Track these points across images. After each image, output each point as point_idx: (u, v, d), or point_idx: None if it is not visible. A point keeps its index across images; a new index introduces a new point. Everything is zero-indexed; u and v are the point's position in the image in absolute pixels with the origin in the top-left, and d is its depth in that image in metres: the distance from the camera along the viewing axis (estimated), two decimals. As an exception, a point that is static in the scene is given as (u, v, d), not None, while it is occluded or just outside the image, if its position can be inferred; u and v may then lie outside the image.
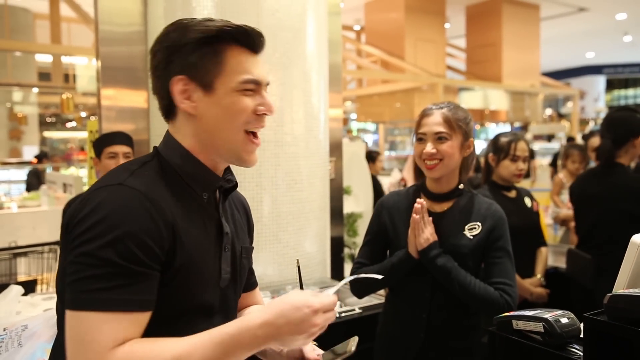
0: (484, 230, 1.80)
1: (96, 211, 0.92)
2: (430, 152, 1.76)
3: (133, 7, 2.94)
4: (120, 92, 2.98)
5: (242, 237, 1.21)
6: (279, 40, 2.63)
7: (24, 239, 4.60)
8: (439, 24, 10.25)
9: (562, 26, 12.68)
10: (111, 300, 0.89)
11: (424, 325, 1.80)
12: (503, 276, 1.77)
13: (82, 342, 0.88)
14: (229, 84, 1.05)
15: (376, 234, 1.93)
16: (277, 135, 2.63)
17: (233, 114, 1.05)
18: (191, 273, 1.02)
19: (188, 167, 1.07)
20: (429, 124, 1.79)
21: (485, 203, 1.86)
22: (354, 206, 4.94)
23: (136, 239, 0.91)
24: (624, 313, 1.12)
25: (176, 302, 1.01)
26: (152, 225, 0.94)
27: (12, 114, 10.20)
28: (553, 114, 15.78)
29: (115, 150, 2.56)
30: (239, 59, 1.06)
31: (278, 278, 2.65)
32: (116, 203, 0.93)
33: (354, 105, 12.97)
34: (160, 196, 0.99)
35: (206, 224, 1.08)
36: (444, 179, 1.82)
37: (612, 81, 20.73)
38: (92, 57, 6.34)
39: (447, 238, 1.78)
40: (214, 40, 1.04)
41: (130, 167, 1.03)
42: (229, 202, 1.19)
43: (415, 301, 1.83)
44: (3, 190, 7.75)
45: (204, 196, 1.08)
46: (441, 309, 1.80)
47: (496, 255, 1.80)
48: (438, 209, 1.85)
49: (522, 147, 2.63)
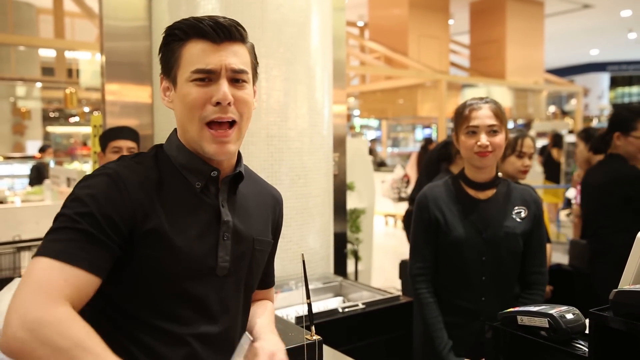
0: (530, 215, 1.93)
1: (75, 188, 1.03)
2: (485, 144, 1.83)
3: (137, 2, 2.93)
4: (125, 87, 2.98)
5: (258, 228, 1.22)
6: (283, 35, 2.62)
7: (27, 233, 4.60)
8: (443, 20, 10.22)
9: (566, 23, 12.64)
10: (63, 251, 0.95)
11: None
12: (542, 264, 1.95)
13: (30, 281, 0.92)
14: (183, 76, 1.08)
15: (427, 228, 1.95)
16: (281, 130, 2.63)
17: (186, 105, 1.08)
18: (171, 256, 1.04)
19: (181, 158, 1.13)
20: (481, 117, 1.85)
21: (523, 189, 2.00)
22: (357, 202, 4.94)
23: (101, 208, 0.99)
24: (630, 309, 1.12)
25: (158, 283, 1.04)
26: (119, 202, 1.01)
27: (16, 108, 10.21)
28: (556, 111, 15.73)
29: (120, 145, 2.56)
30: (192, 51, 1.08)
31: (281, 273, 2.65)
32: (93, 181, 1.03)
33: (357, 102, 12.96)
34: (137, 179, 1.05)
35: (199, 212, 1.10)
36: (488, 169, 1.91)
37: (616, 78, 20.67)
38: (96, 52, 6.34)
39: (501, 221, 1.89)
40: (173, 38, 1.10)
41: (123, 157, 1.12)
42: (244, 193, 1.20)
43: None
44: (7, 184, 7.75)
45: (197, 185, 1.11)
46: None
47: (538, 240, 1.95)
48: (482, 196, 1.94)
49: (528, 144, 2.64)
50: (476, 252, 1.87)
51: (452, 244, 1.89)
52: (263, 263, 1.26)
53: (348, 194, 4.01)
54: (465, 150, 1.90)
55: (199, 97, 1.06)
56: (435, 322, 1.89)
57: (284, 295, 2.50)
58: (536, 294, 1.93)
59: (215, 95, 1.06)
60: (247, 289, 1.21)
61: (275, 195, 1.32)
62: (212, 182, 1.13)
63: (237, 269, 1.15)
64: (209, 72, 1.07)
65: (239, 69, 1.09)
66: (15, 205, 5.82)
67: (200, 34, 1.07)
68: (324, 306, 2.44)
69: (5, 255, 3.33)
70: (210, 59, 1.07)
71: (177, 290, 1.07)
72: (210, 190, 1.13)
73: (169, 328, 1.06)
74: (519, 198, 1.95)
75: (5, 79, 8.99)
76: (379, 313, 2.39)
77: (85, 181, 1.04)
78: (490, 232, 1.88)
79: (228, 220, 1.13)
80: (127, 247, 1.02)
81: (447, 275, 1.94)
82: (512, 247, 1.89)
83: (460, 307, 1.90)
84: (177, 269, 1.05)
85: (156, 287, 1.05)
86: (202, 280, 1.09)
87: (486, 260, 1.88)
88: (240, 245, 1.16)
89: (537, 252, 1.94)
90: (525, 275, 1.95)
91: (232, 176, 1.16)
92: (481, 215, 1.90)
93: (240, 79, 1.10)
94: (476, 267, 1.88)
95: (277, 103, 2.62)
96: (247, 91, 1.11)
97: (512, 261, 1.91)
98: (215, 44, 1.07)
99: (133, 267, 1.04)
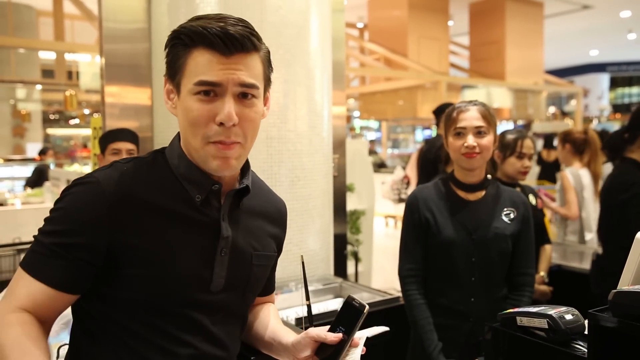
0: (519, 216, 1.95)
1: (60, 195, 1.03)
2: (472, 145, 1.84)
3: (137, 5, 2.94)
4: (124, 89, 2.98)
5: (260, 243, 1.17)
6: (282, 37, 2.63)
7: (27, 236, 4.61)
8: (443, 22, 10.22)
9: (566, 24, 12.64)
10: (31, 264, 0.99)
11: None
12: (530, 265, 1.98)
13: (10, 286, 1.01)
14: (187, 87, 1.01)
15: (417, 229, 1.96)
16: (280, 132, 2.63)
17: (188, 120, 1.01)
18: (157, 268, 1.01)
19: (182, 168, 1.07)
20: (468, 119, 1.87)
21: (512, 191, 2.03)
22: (357, 204, 4.94)
23: (73, 225, 0.99)
24: (629, 310, 1.12)
25: (145, 296, 1.02)
26: (95, 218, 0.99)
27: (16, 111, 10.22)
28: (556, 111, 15.73)
29: (119, 147, 2.57)
30: (198, 60, 0.99)
31: (281, 275, 2.65)
32: (74, 190, 1.02)
33: (357, 103, 12.95)
34: (122, 191, 1.01)
35: (195, 226, 1.05)
36: (477, 170, 1.93)
37: (616, 79, 20.67)
38: (95, 54, 6.34)
39: (490, 222, 1.91)
40: (179, 41, 1.02)
41: (115, 162, 1.07)
42: (249, 205, 1.16)
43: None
44: (7, 186, 7.76)
45: (197, 198, 1.05)
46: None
47: (527, 241, 1.97)
48: (472, 197, 1.95)
49: (528, 145, 2.65)
50: (465, 253, 1.88)
51: (441, 244, 1.90)
52: (264, 277, 1.22)
53: (348, 195, 4.01)
54: (453, 151, 1.91)
55: (202, 115, 0.99)
56: (425, 323, 1.89)
57: (284, 297, 2.50)
58: (524, 295, 1.94)
59: (220, 114, 0.98)
60: (245, 303, 1.18)
61: (280, 210, 1.27)
62: (213, 195, 1.08)
63: (233, 285, 1.11)
64: (214, 85, 0.99)
65: (249, 83, 1.01)
66: (15, 208, 5.82)
67: (207, 44, 0.98)
68: (324, 307, 2.44)
69: (5, 257, 3.34)
70: (217, 71, 0.98)
71: (170, 307, 1.04)
72: (212, 204, 1.08)
73: (162, 344, 1.03)
74: (508, 200, 1.97)
75: (5, 81, 8.99)
76: (379, 314, 2.39)
77: (66, 190, 1.03)
78: (479, 233, 1.89)
79: (228, 236, 1.08)
80: (107, 263, 1.00)
81: (437, 276, 1.95)
82: (501, 248, 1.90)
83: (450, 308, 1.91)
84: (169, 286, 1.02)
85: (148, 303, 1.02)
86: (196, 297, 1.05)
87: (475, 261, 1.89)
88: (239, 261, 1.12)
89: (525, 254, 1.96)
90: (513, 277, 1.97)
91: (236, 190, 1.11)
92: (471, 216, 1.91)
93: (250, 93, 1.02)
94: (465, 268, 1.89)
95: (277, 105, 2.62)
96: (255, 109, 1.04)
97: (501, 262, 1.92)
98: (223, 56, 0.98)
99: (122, 284, 1.01)
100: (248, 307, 1.22)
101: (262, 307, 1.32)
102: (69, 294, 1.00)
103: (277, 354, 1.21)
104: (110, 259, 1.00)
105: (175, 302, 1.04)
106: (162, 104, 2.86)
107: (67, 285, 0.99)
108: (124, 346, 1.02)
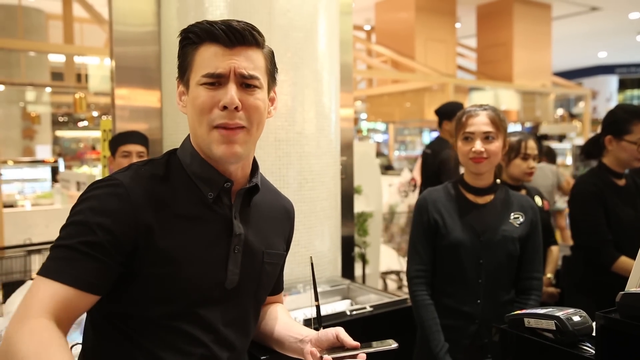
0: (527, 220, 1.97)
1: (80, 198, 1.04)
2: (480, 150, 1.86)
3: (147, 8, 2.97)
4: (134, 91, 3.01)
5: (271, 241, 1.20)
6: (290, 40, 2.64)
7: (37, 237, 4.66)
8: (450, 24, 10.21)
9: (574, 25, 12.58)
10: (53, 269, 0.98)
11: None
12: (538, 269, 1.98)
13: (26, 297, 0.97)
14: (194, 79, 1.08)
15: (426, 231, 1.97)
16: (288, 134, 2.65)
17: (195, 108, 1.07)
18: (174, 267, 1.03)
19: (194, 166, 1.10)
20: (476, 124, 1.88)
21: (521, 196, 2.05)
22: (364, 206, 4.95)
23: (99, 224, 0.99)
24: (637, 311, 1.13)
25: (161, 295, 1.03)
26: (120, 217, 1.00)
27: (25, 113, 10.29)
28: (564, 114, 15.66)
29: (129, 149, 2.59)
30: (204, 55, 1.06)
31: (289, 277, 2.66)
32: (96, 193, 1.03)
33: (364, 105, 12.96)
34: (143, 192, 1.03)
35: (210, 224, 1.08)
36: (485, 174, 1.94)
37: (624, 81, 20.52)
38: (105, 57, 6.39)
39: (498, 225, 1.92)
40: (187, 41, 1.09)
41: (133, 165, 1.10)
42: (258, 204, 1.19)
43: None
44: (17, 188, 7.82)
45: (209, 195, 1.09)
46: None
47: (535, 245, 1.98)
48: (481, 201, 1.97)
49: (532, 146, 2.66)
50: (473, 254, 1.89)
51: (450, 246, 1.91)
52: (275, 275, 1.25)
53: (355, 197, 4.02)
54: (461, 156, 1.94)
55: (207, 101, 1.05)
56: (432, 324, 1.90)
57: (292, 298, 2.52)
58: (532, 298, 1.94)
59: (223, 99, 1.04)
60: (257, 301, 1.20)
61: (288, 209, 1.31)
62: (225, 193, 1.11)
63: (246, 282, 1.14)
64: (218, 77, 1.05)
65: (249, 74, 1.06)
66: (25, 209, 5.88)
67: (212, 38, 1.05)
68: (331, 309, 2.44)
69: (17, 258, 3.37)
70: (220, 62, 1.05)
71: (184, 306, 1.06)
72: (223, 201, 1.11)
73: (177, 343, 1.05)
74: (516, 204, 1.99)
75: (15, 84, 9.06)
76: (387, 316, 2.40)
77: (88, 192, 1.04)
78: (487, 236, 1.90)
79: (240, 234, 1.11)
80: (130, 263, 1.01)
81: (444, 277, 1.96)
82: (508, 250, 1.91)
83: (456, 310, 1.92)
84: (184, 285, 1.04)
85: (164, 302, 1.04)
86: (211, 294, 1.08)
87: (483, 263, 1.90)
88: (251, 258, 1.14)
89: (533, 258, 1.97)
90: (521, 280, 1.97)
91: (246, 189, 1.14)
92: (479, 219, 1.92)
93: (252, 84, 1.07)
94: (473, 270, 1.90)
95: (285, 107, 2.63)
96: (258, 96, 1.08)
97: (508, 265, 1.93)
98: (227, 48, 1.05)
99: (139, 284, 1.03)
100: (260, 305, 1.23)
101: (271, 307, 1.34)
102: (93, 294, 0.99)
103: (287, 349, 1.23)
104: (133, 259, 1.02)
105: (190, 300, 1.06)
106: (171, 107, 2.88)
107: (93, 285, 0.98)
108: (139, 346, 1.04)
